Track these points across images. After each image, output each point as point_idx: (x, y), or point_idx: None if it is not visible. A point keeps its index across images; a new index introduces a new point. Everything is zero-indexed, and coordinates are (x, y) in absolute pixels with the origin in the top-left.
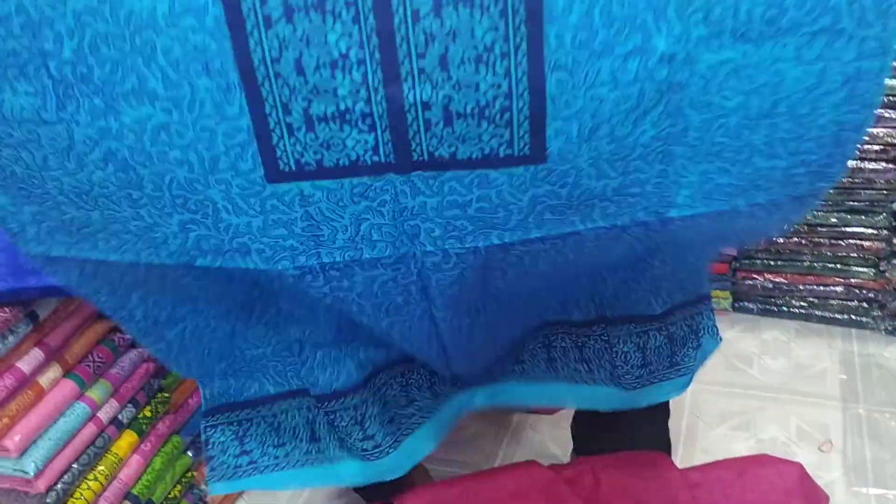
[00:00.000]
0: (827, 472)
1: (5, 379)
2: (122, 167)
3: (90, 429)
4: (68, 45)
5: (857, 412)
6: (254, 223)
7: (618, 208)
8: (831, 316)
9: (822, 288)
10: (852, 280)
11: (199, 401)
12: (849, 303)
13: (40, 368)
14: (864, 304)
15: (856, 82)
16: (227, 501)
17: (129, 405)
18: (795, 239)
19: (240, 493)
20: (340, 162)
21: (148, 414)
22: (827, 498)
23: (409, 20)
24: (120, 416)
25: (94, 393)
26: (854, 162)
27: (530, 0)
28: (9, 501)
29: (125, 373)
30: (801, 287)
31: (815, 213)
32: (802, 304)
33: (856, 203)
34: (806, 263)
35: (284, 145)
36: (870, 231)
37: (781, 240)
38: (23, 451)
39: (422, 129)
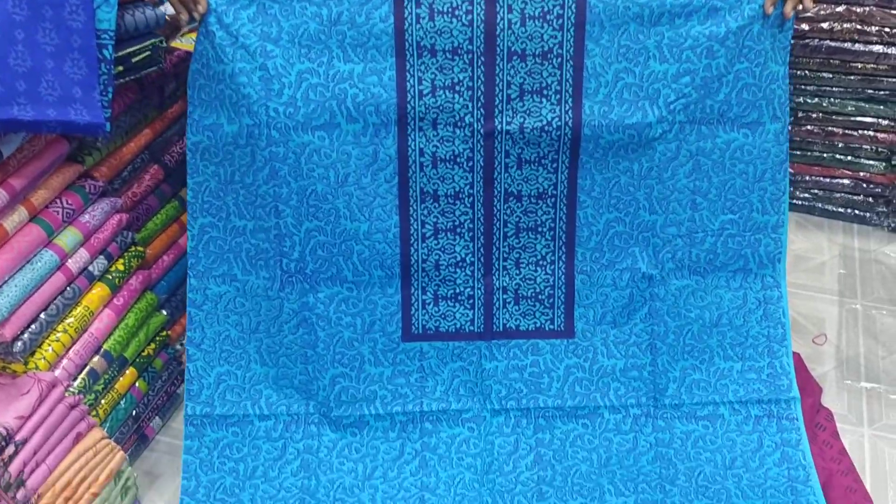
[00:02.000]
0: (820, 365)
1: None
2: (309, 330)
3: (59, 278)
4: (298, 249)
5: (853, 307)
6: (385, 373)
7: (626, 390)
8: (835, 210)
9: (828, 180)
10: (861, 173)
11: (174, 258)
12: (854, 197)
13: (4, 211)
14: (870, 200)
15: (766, 305)
16: None
17: (101, 257)
18: (808, 127)
19: None
20: (450, 329)
21: (121, 267)
22: (820, 389)
23: (501, 239)
24: (91, 268)
25: (63, 241)
26: (880, 47)
27: (569, 234)
28: None
29: (97, 222)
30: (807, 178)
31: (831, 99)
32: (806, 195)
33: (875, 92)
34: (815, 153)
35: (418, 315)
36: (886, 122)
37: (793, 127)
38: None
39: (501, 306)
